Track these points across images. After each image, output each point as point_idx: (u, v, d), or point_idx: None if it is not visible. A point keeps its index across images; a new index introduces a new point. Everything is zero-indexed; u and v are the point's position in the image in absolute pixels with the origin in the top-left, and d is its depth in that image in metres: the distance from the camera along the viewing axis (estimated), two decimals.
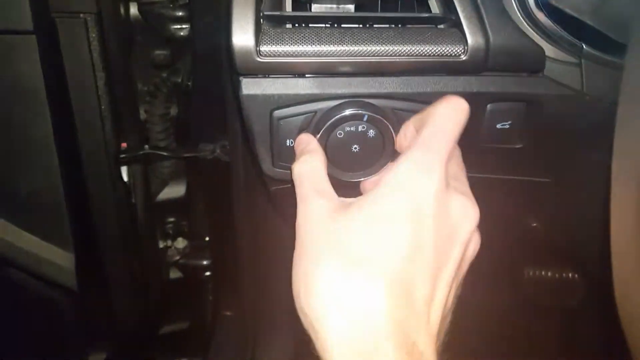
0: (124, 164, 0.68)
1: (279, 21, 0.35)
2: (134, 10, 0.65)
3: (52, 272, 0.58)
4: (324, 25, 0.35)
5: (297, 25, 0.35)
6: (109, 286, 0.71)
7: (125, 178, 0.70)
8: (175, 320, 0.89)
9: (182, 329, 0.89)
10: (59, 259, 0.58)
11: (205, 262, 0.85)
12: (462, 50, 0.34)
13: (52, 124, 0.55)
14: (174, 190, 0.80)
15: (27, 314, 0.64)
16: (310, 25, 0.35)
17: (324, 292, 0.27)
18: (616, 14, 0.26)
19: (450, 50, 0.34)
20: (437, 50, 0.34)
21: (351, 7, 0.36)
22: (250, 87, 0.35)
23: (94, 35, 0.57)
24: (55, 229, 0.58)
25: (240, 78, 0.35)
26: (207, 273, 0.85)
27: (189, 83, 0.69)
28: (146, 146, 0.70)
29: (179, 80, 0.70)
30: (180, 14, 0.64)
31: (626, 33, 0.22)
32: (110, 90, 0.61)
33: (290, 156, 0.37)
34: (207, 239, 0.84)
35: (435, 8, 0.36)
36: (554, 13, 0.34)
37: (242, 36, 0.32)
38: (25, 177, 0.57)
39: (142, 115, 0.72)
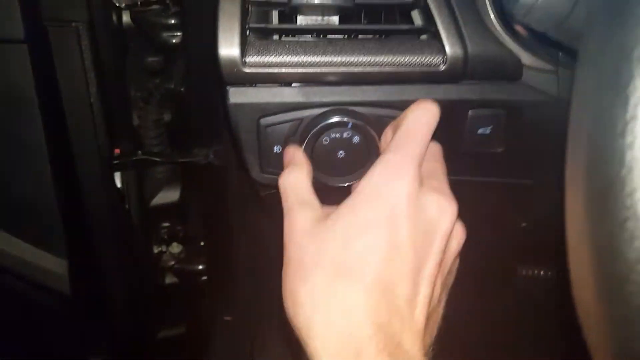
0: (117, 170, 0.70)
1: (265, 33, 0.37)
2: (126, 17, 0.66)
3: (45, 279, 0.59)
4: (309, 36, 0.37)
5: (282, 36, 0.37)
6: (104, 292, 0.72)
7: (118, 184, 0.72)
8: (171, 326, 0.90)
9: (178, 334, 0.90)
10: (51, 265, 0.59)
11: (200, 267, 0.86)
12: (441, 61, 0.35)
13: (45, 131, 0.56)
14: (168, 195, 0.81)
15: (21, 320, 0.65)
16: (295, 36, 0.37)
17: (308, 303, 0.28)
18: (577, 29, 0.28)
19: (429, 61, 0.35)
20: (417, 61, 0.35)
21: (335, 19, 0.38)
22: (237, 96, 0.36)
23: (85, 43, 0.58)
24: (48, 236, 0.60)
25: (227, 87, 0.36)
26: (203, 278, 0.87)
27: (182, 89, 0.71)
28: (139, 152, 0.71)
29: (172, 86, 0.71)
30: (173, 21, 0.66)
31: None
32: (102, 97, 0.62)
33: (278, 162, 0.39)
34: (202, 243, 0.85)
35: (417, 20, 0.37)
36: None
37: (228, 48, 0.34)
38: (18, 184, 0.59)
39: (136, 121, 0.74)
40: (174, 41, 0.67)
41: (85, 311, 0.68)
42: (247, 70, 0.35)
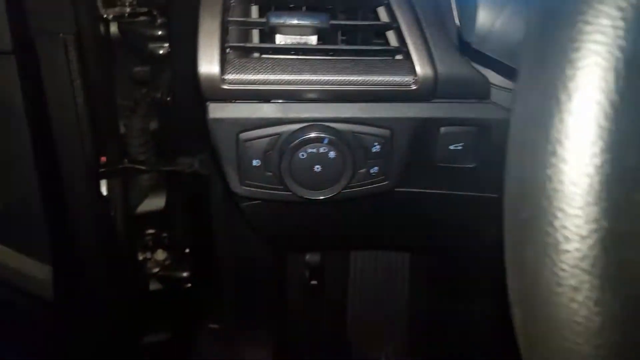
0: (103, 178, 0.71)
1: (244, 51, 0.38)
2: (114, 29, 0.68)
3: (30, 284, 0.60)
4: (287, 55, 0.39)
5: (261, 55, 0.38)
6: (87, 297, 0.73)
7: (104, 191, 0.73)
8: (156, 331, 0.90)
9: (163, 340, 0.91)
10: (36, 271, 0.60)
11: (185, 274, 0.87)
12: (413, 81, 0.37)
13: (31, 139, 0.57)
14: (154, 203, 0.82)
15: (4, 325, 0.66)
16: (273, 55, 0.38)
17: None
18: None
19: (401, 80, 0.37)
20: (389, 80, 0.37)
21: (314, 39, 0.39)
22: (216, 111, 0.38)
23: (73, 54, 0.60)
24: (32, 242, 0.61)
25: (207, 103, 0.38)
26: (188, 285, 0.88)
27: (168, 98, 0.72)
28: (125, 160, 0.73)
29: (159, 95, 0.73)
30: (160, 33, 0.67)
31: None
32: (89, 106, 0.64)
33: (256, 175, 0.40)
34: (187, 250, 0.87)
35: (393, 40, 0.39)
36: None
37: (208, 65, 0.36)
38: (3, 190, 0.59)
39: (122, 129, 0.75)
40: (160, 52, 0.69)
41: (68, 317, 0.69)
42: (225, 87, 0.36)
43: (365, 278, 0.91)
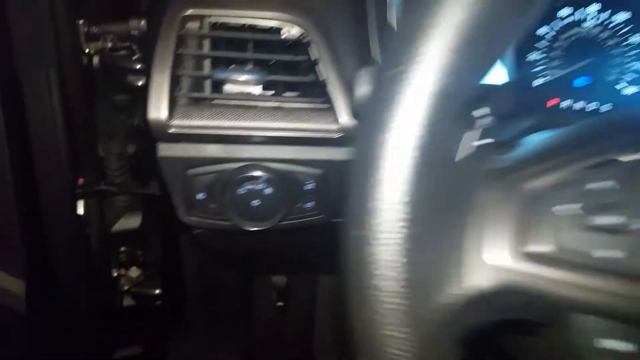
0: (80, 198, 0.76)
1: (193, 100, 0.44)
2: (96, 61, 0.74)
3: (2, 297, 0.65)
4: (231, 103, 0.44)
5: (207, 101, 0.44)
6: (62, 311, 0.78)
7: (81, 211, 0.78)
8: (129, 346, 0.95)
9: (137, 354, 0.95)
10: (9, 284, 0.65)
11: (157, 291, 0.92)
12: (336, 129, 0.43)
13: (10, 161, 0.63)
14: (129, 222, 0.87)
15: None
16: (218, 102, 0.44)
17: None
18: None
19: (327, 128, 0.43)
20: (317, 128, 0.43)
21: (258, 89, 0.45)
22: (165, 150, 0.43)
23: (55, 84, 0.66)
24: (7, 257, 0.66)
25: (157, 143, 0.43)
26: (158, 302, 0.92)
27: (144, 125, 0.78)
28: (102, 182, 0.78)
29: (136, 122, 0.79)
30: (138, 66, 0.73)
31: None
32: (68, 132, 0.69)
33: (201, 207, 0.46)
34: (159, 269, 0.91)
35: (322, 94, 0.45)
36: None
37: (156, 112, 0.41)
38: None
39: (101, 153, 0.80)
40: (138, 83, 0.74)
41: (42, 330, 0.74)
42: (172, 131, 0.42)
43: (331, 299, 0.95)
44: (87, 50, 0.71)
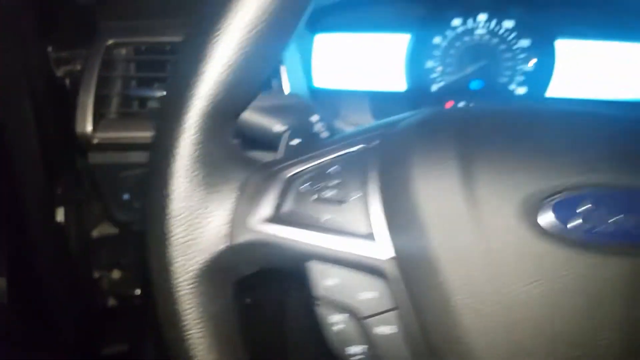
0: (58, 205, 0.87)
1: (122, 114, 0.54)
2: (67, 82, 0.85)
3: None
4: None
5: (136, 115, 0.54)
6: (43, 311, 0.88)
7: (60, 218, 0.89)
8: (113, 344, 1.05)
9: (121, 351, 1.05)
10: None
11: (137, 292, 1.02)
12: None
13: None
14: (109, 227, 0.98)
15: None
16: (136, 117, 0.54)
17: None
18: None
19: None
20: None
21: None
22: (93, 158, 0.53)
23: (27, 103, 0.77)
24: None
25: (88, 153, 0.53)
26: (139, 302, 1.02)
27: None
28: (79, 191, 0.89)
29: None
30: None
31: None
32: (45, 145, 0.80)
33: (126, 207, 0.55)
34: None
35: None
36: None
37: (82, 127, 0.51)
38: None
39: (79, 164, 0.91)
40: None
41: (22, 329, 0.84)
42: (96, 142, 0.52)
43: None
44: (58, 74, 0.82)
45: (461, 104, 0.61)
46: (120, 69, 0.54)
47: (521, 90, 0.61)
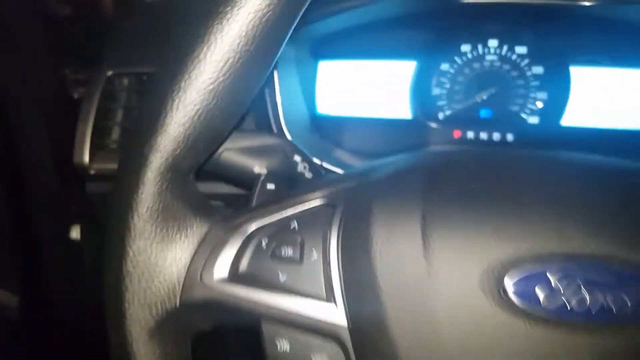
0: (72, 224, 0.90)
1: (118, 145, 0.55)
2: None
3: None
4: None
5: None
6: (56, 326, 0.91)
7: (75, 235, 0.92)
8: None
9: None
10: (3, 298, 0.79)
11: None
12: None
13: (7, 192, 0.77)
14: None
15: None
16: None
17: None
18: None
19: None
20: None
21: None
22: (91, 187, 0.54)
23: (43, 127, 0.80)
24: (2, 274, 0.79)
25: (86, 182, 0.54)
26: None
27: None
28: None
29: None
30: None
31: None
32: (60, 162, 0.83)
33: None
34: None
35: None
36: None
37: (79, 157, 0.52)
38: None
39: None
40: None
41: (35, 345, 0.87)
42: (93, 172, 0.53)
43: None
44: (74, 95, 0.85)
45: (471, 134, 0.59)
46: (122, 99, 0.56)
47: (534, 120, 0.58)
